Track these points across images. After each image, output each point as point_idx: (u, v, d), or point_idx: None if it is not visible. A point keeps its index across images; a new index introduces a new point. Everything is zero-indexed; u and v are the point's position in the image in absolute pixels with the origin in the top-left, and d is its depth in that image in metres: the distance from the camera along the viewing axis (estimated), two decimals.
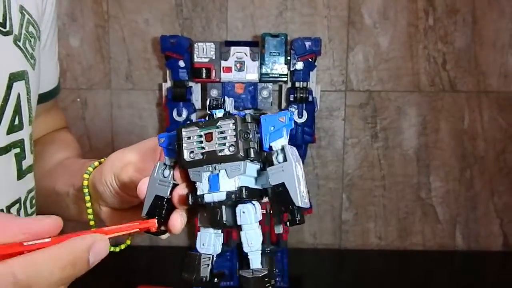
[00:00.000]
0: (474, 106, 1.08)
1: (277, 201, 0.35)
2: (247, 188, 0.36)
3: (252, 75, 0.95)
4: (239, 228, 0.36)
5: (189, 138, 0.37)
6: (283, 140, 0.36)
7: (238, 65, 0.95)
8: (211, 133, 0.36)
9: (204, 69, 0.95)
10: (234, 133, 0.35)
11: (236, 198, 0.35)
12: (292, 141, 0.97)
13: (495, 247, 1.13)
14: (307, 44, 0.93)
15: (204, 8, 1.06)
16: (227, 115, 0.36)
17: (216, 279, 0.37)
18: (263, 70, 0.94)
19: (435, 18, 1.06)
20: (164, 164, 0.39)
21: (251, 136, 0.35)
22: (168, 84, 1.00)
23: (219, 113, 0.37)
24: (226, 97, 0.38)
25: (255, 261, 0.36)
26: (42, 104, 0.58)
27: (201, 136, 0.37)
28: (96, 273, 0.32)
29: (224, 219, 0.36)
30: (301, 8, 1.06)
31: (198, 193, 0.37)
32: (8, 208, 0.48)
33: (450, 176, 1.11)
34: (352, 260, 1.10)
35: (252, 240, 0.36)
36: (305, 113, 0.96)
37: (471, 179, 1.11)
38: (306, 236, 1.13)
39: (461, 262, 1.11)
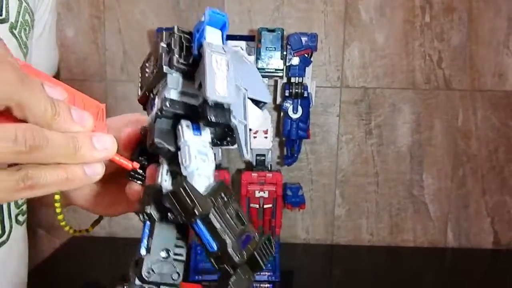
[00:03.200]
0: (468, 104, 1.09)
1: (201, 104, 0.31)
2: (167, 99, 0.32)
3: None
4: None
5: (143, 73, 0.36)
6: (207, 39, 0.32)
7: None
8: (150, 58, 0.35)
9: None
10: (160, 50, 0.32)
11: (161, 113, 0.32)
12: (286, 137, 0.97)
13: (486, 244, 1.14)
14: (304, 39, 0.93)
15: (200, 1, 1.05)
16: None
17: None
18: (259, 65, 0.93)
19: (432, 16, 1.06)
20: None
21: (172, 45, 0.32)
22: None
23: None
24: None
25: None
26: None
27: (147, 66, 0.35)
28: (94, 268, 0.32)
29: (155, 137, 0.32)
30: (298, 3, 1.05)
31: None
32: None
33: (442, 173, 1.11)
34: (344, 255, 1.10)
35: (185, 158, 0.31)
36: (300, 108, 0.96)
37: (463, 177, 1.12)
38: (298, 231, 1.14)
39: (452, 259, 1.12)
